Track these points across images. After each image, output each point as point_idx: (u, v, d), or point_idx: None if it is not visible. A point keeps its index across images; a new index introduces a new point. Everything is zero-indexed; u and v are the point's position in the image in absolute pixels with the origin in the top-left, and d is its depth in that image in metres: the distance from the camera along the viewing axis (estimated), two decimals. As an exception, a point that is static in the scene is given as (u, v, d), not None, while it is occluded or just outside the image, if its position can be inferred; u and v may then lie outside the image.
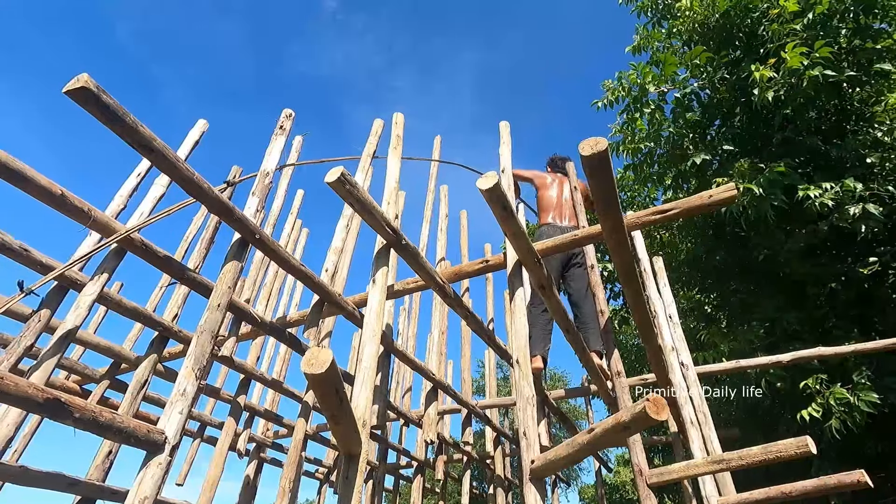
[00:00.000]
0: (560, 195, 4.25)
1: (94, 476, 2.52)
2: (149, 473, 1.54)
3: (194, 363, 1.82)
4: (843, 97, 5.05)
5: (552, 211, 4.16)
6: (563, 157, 4.66)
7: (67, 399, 1.34)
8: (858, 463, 2.81)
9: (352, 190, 2.02)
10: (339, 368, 4.07)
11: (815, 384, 4.05)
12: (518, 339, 2.27)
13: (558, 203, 4.20)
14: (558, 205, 4.19)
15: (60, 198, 2.08)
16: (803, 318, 4.82)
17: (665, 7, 6.22)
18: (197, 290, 2.70)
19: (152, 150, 1.77)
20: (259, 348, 4.13)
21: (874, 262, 4.44)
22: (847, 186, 4.19)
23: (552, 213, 4.15)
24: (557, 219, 4.12)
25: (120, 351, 3.37)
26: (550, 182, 4.34)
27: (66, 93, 1.56)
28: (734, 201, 2.47)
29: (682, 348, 3.46)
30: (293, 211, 5.05)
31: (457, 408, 5.04)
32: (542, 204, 4.25)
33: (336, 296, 2.90)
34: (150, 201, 2.83)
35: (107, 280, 2.40)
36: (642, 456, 2.54)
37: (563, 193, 4.27)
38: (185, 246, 3.92)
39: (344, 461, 1.81)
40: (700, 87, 5.62)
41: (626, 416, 1.47)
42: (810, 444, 1.98)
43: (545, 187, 4.30)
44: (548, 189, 4.28)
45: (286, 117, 2.84)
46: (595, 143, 1.75)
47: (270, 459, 5.08)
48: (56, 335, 2.29)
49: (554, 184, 4.33)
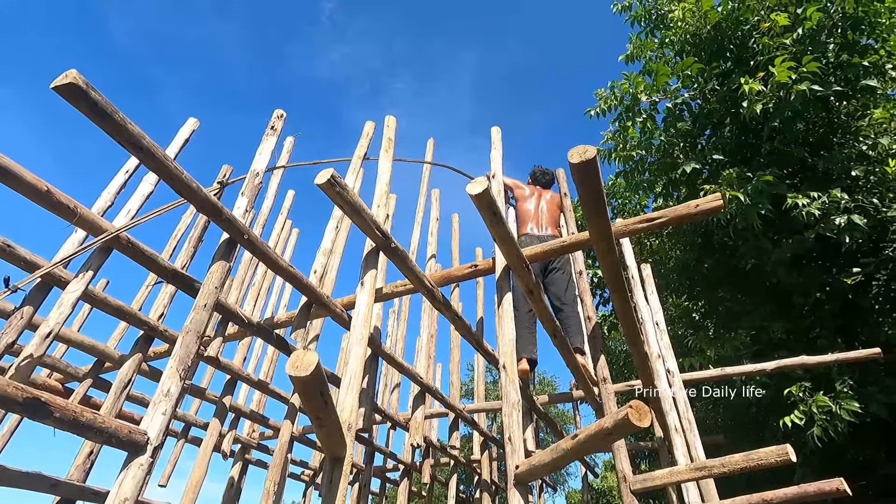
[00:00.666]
0: (538, 206, 4.41)
1: (74, 476, 2.48)
2: (130, 474, 1.52)
3: (179, 363, 1.81)
4: (830, 110, 5.13)
5: (530, 221, 4.30)
6: (544, 171, 4.79)
7: (48, 398, 1.32)
8: (840, 471, 2.84)
9: (341, 192, 2.02)
10: (327, 371, 4.02)
11: (799, 392, 4.10)
12: (505, 344, 2.27)
13: (535, 214, 4.35)
14: (535, 215, 4.34)
15: (46, 194, 2.06)
16: (789, 326, 4.88)
17: (658, 17, 6.29)
18: (183, 290, 2.68)
19: (141, 147, 1.76)
20: (246, 349, 4.10)
21: (858, 272, 4.52)
22: (833, 197, 4.26)
23: (530, 223, 4.30)
24: (536, 228, 4.26)
25: (104, 349, 3.33)
26: (528, 195, 4.48)
27: (54, 88, 1.55)
28: (720, 211, 2.50)
29: (669, 355, 3.50)
30: (283, 211, 5.03)
31: (444, 411, 5.04)
32: (520, 216, 4.39)
33: (324, 297, 2.89)
34: (138, 199, 2.81)
35: (91, 278, 2.37)
36: (627, 462, 2.56)
37: (539, 205, 4.42)
38: (174, 244, 3.89)
39: (328, 464, 1.80)
40: (691, 98, 5.68)
41: (609, 422, 1.48)
42: (790, 452, 2.01)
43: (523, 199, 4.45)
44: (525, 201, 4.43)
45: (277, 118, 2.83)
46: (584, 151, 1.77)
47: (256, 461, 5.04)
48: (38, 333, 2.26)
49: (532, 196, 4.48)
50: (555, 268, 4.13)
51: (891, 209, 4.32)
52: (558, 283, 4.06)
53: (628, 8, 6.45)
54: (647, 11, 6.32)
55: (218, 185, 2.78)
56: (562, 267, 4.13)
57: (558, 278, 4.09)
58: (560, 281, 4.08)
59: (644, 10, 6.33)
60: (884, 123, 4.68)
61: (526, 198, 4.44)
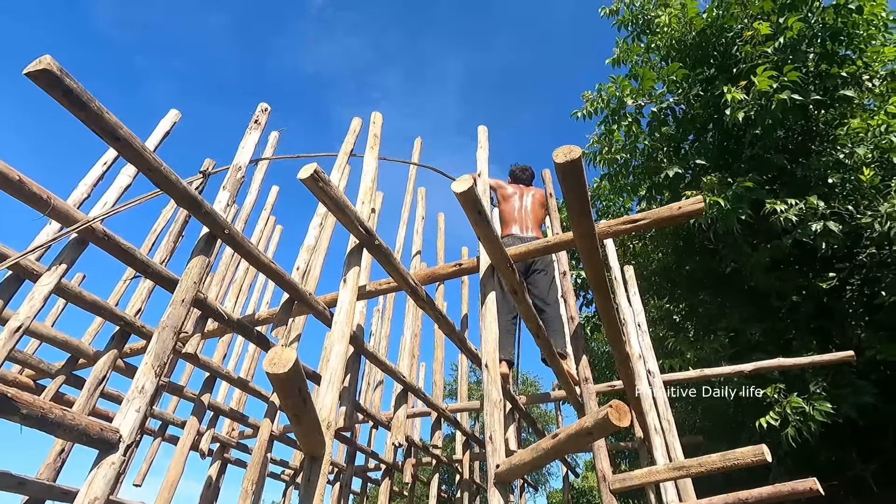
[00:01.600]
0: (521, 207, 4.37)
1: (44, 475, 2.41)
2: (100, 473, 1.48)
3: (154, 359, 1.77)
4: (809, 119, 5.25)
5: (514, 224, 4.27)
6: (523, 168, 4.77)
7: (14, 394, 1.27)
8: (813, 471, 2.90)
9: (325, 188, 1.99)
10: (309, 368, 3.98)
11: (774, 393, 4.18)
12: (488, 344, 2.27)
13: (519, 215, 4.32)
14: (519, 217, 4.31)
15: (18, 184, 2.00)
16: (766, 329, 4.97)
17: (644, 22, 6.36)
18: (162, 285, 2.62)
19: (118, 138, 1.71)
20: (226, 346, 4.04)
21: (833, 277, 4.63)
22: (810, 204, 4.36)
23: (514, 225, 4.26)
24: (519, 230, 4.23)
25: (78, 345, 3.24)
26: (511, 194, 4.45)
27: (27, 74, 1.50)
28: (702, 213, 2.54)
29: (650, 357, 3.53)
30: (267, 207, 4.97)
31: (427, 411, 5.03)
32: (503, 217, 4.35)
33: (307, 295, 2.86)
34: (116, 191, 2.74)
35: (65, 271, 2.30)
36: (606, 462, 2.58)
37: (523, 205, 4.39)
38: (153, 238, 3.81)
39: (307, 463, 1.78)
40: (675, 103, 5.76)
41: (589, 421, 1.48)
42: (765, 452, 2.04)
43: (506, 200, 4.41)
44: (508, 201, 4.39)
45: (262, 111, 2.79)
46: (569, 151, 1.78)
47: (234, 460, 4.96)
48: (8, 326, 2.19)
49: (515, 195, 4.44)
50: (537, 269, 4.13)
51: (865, 216, 4.43)
52: (540, 285, 4.07)
53: (616, 12, 6.51)
54: (634, 16, 6.39)
55: (200, 175, 2.72)
56: (544, 268, 4.13)
57: (540, 279, 4.09)
58: (542, 282, 4.08)
59: (631, 15, 6.40)
60: (860, 133, 4.80)
61: (509, 197, 4.41)
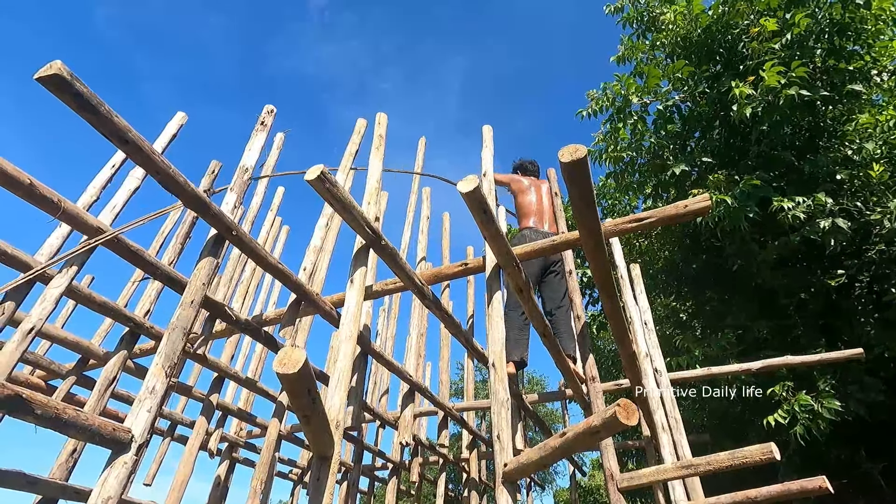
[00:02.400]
0: (539, 200, 4.27)
1: (56, 475, 2.44)
2: (113, 473, 1.50)
3: (164, 360, 1.78)
4: (817, 114, 5.21)
5: (533, 216, 4.17)
6: (531, 161, 4.69)
7: (28, 395, 1.30)
8: (822, 469, 2.88)
9: (331, 188, 2.01)
10: (316, 368, 4.00)
11: (782, 391, 4.15)
12: (494, 344, 2.28)
13: (538, 209, 4.22)
14: (538, 210, 4.21)
15: (29, 187, 2.02)
16: (774, 326, 4.94)
17: (649, 20, 6.32)
18: (171, 286, 2.64)
19: (127, 141, 1.73)
20: (234, 346, 4.07)
21: (841, 274, 4.59)
22: (818, 200, 4.33)
23: (533, 217, 4.17)
24: (538, 224, 4.14)
25: (88, 346, 3.28)
26: (527, 186, 4.35)
27: (37, 79, 1.52)
28: (709, 212, 2.53)
29: (657, 355, 3.52)
30: (273, 208, 5.00)
31: (434, 410, 5.04)
32: (521, 210, 4.26)
33: (314, 295, 2.88)
34: (124, 194, 2.77)
35: (76, 273, 2.33)
36: (614, 460, 2.58)
37: (542, 199, 4.29)
38: (161, 240, 3.84)
39: (316, 462, 1.79)
40: (681, 100, 5.73)
41: (597, 420, 1.48)
42: (774, 450, 2.03)
43: (523, 192, 4.31)
44: (526, 194, 4.29)
45: (268, 113, 2.81)
46: (575, 150, 1.78)
47: (243, 459, 5.00)
48: (21, 329, 2.22)
49: (531, 188, 4.35)
50: (553, 270, 4.03)
51: (874, 213, 4.39)
52: (555, 287, 3.98)
53: (620, 10, 6.49)
54: (639, 13, 6.35)
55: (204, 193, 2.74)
56: (559, 270, 4.02)
57: (556, 282, 4.00)
58: (557, 284, 3.99)
59: (636, 13, 6.36)
60: (869, 128, 4.75)
61: (525, 190, 4.31)
